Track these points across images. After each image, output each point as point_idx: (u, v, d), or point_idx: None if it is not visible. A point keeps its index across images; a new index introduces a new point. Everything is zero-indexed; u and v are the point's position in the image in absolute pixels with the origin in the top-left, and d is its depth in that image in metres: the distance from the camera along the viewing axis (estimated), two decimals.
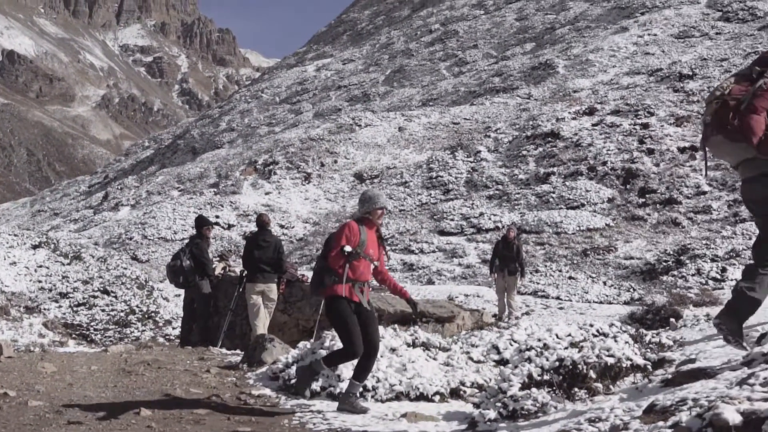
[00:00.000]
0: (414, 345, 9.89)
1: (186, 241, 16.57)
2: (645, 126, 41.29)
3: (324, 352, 9.73)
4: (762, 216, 6.66)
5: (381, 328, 10.29)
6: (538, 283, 27.51)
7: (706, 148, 6.78)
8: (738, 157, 6.51)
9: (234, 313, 15.02)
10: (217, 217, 43.10)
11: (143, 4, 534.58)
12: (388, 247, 8.79)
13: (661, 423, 4.92)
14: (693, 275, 25.93)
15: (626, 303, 23.76)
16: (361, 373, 8.28)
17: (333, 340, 9.90)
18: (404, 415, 7.98)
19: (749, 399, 4.67)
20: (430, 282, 29.49)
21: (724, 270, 25.66)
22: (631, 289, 26.01)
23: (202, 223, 15.96)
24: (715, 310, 16.42)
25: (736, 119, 6.29)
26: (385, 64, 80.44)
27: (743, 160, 6.49)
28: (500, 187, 40.14)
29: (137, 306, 19.00)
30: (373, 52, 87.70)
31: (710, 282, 24.99)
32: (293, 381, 9.29)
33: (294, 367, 9.63)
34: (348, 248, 8.00)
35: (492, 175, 41.66)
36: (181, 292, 16.37)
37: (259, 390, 9.39)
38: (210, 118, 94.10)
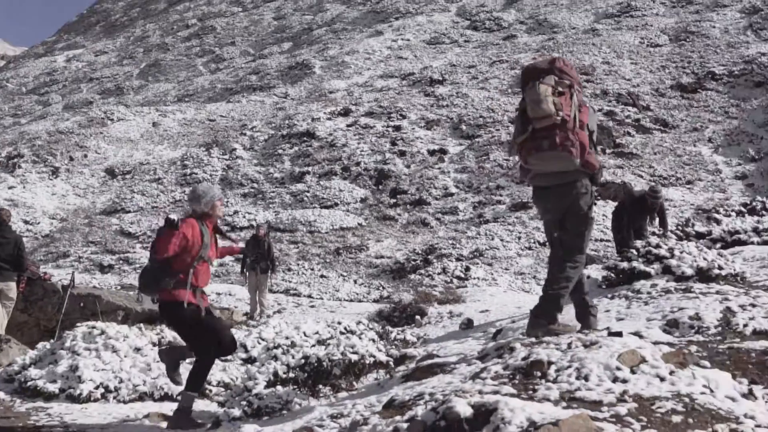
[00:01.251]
0: (160, 344, 9.70)
1: None
2: (397, 128, 42.39)
3: (65, 353, 9.35)
4: (558, 219, 7.02)
5: (125, 327, 10.02)
6: (290, 282, 27.65)
7: (529, 158, 6.86)
8: (560, 168, 6.76)
9: None
10: None
11: None
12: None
13: (398, 417, 5.04)
14: (439, 274, 26.82)
15: (376, 301, 24.26)
16: (197, 380, 7.55)
17: (74, 341, 9.53)
18: (147, 416, 7.80)
19: (480, 392, 4.87)
20: None
21: (467, 269, 26.71)
22: (381, 288, 26.62)
23: None
24: (458, 308, 17.09)
25: (574, 136, 6.59)
26: (140, 57, 78.42)
27: (564, 171, 6.77)
28: (255, 185, 40.06)
29: None
30: (128, 45, 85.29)
31: (455, 280, 25.92)
32: (29, 383, 8.87)
33: (32, 369, 9.20)
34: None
35: (247, 173, 41.52)
36: None
37: None
38: None
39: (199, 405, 8.50)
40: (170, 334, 10.04)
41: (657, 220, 16.73)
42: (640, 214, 16.49)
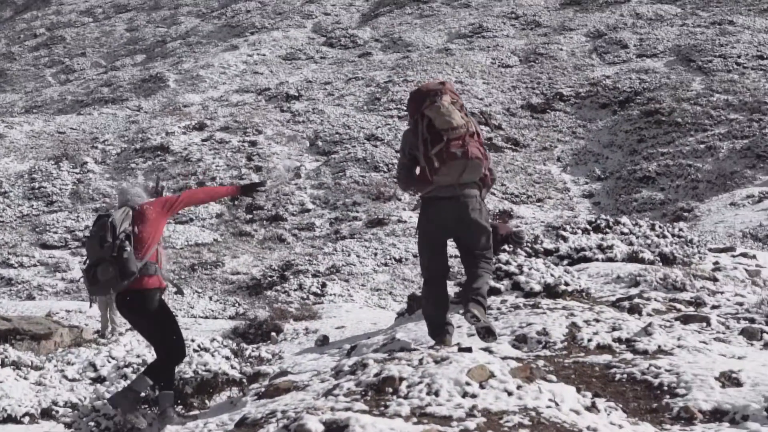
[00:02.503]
0: (3, 364, 9.37)
1: None
2: (253, 143, 42.22)
3: None
4: (453, 232, 7.38)
5: None
6: None
7: (443, 167, 7.01)
8: (469, 179, 7.04)
9: None
10: None
11: None
12: None
13: None
14: (295, 290, 26.78)
15: (231, 318, 24.03)
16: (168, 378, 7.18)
17: None
18: None
19: (332, 409, 4.90)
20: (30, 297, 28.10)
21: (324, 285, 26.75)
22: (237, 304, 26.39)
23: None
24: (314, 324, 17.08)
25: (482, 147, 7.02)
26: None
27: (469, 181, 7.06)
28: (107, 199, 39.15)
29: None
30: None
31: (311, 297, 25.92)
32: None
33: None
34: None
35: (99, 187, 40.57)
36: None
37: None
38: None
39: (44, 426, 8.27)
40: (14, 354, 9.70)
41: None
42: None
